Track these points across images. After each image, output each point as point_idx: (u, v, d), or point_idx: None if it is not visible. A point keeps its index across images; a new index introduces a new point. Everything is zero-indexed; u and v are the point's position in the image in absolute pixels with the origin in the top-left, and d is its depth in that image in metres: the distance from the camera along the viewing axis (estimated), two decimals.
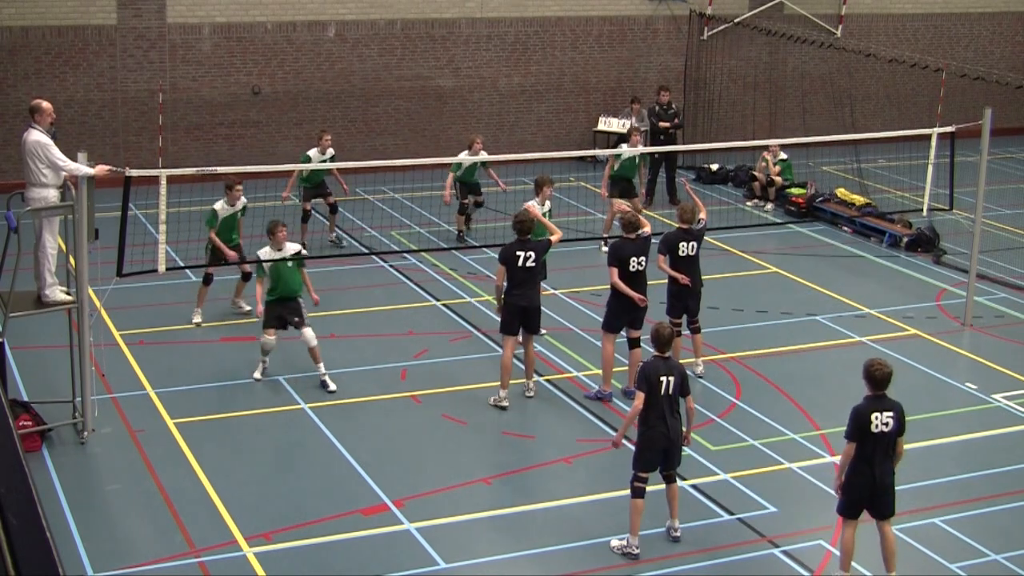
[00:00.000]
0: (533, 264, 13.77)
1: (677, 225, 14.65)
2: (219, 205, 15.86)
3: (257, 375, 14.44)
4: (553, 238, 14.36)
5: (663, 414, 10.82)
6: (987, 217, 19.40)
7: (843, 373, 15.30)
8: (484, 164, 19.47)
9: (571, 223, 19.40)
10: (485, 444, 13.20)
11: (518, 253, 13.71)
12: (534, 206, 15.03)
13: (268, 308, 14.33)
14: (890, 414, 10.26)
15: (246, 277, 16.13)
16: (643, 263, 13.96)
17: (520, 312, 13.78)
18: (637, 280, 13.93)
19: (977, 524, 11.71)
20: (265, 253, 14.50)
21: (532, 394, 14.13)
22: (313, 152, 18.68)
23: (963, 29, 29.33)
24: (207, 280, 16.21)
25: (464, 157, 18.92)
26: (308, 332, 14.31)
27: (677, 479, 11.23)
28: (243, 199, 16.14)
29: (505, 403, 13.82)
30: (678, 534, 11.15)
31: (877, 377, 10.37)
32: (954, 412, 14.22)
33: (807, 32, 26.30)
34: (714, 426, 13.59)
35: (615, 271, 13.88)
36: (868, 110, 28.12)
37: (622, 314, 14.00)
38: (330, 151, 18.74)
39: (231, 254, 15.79)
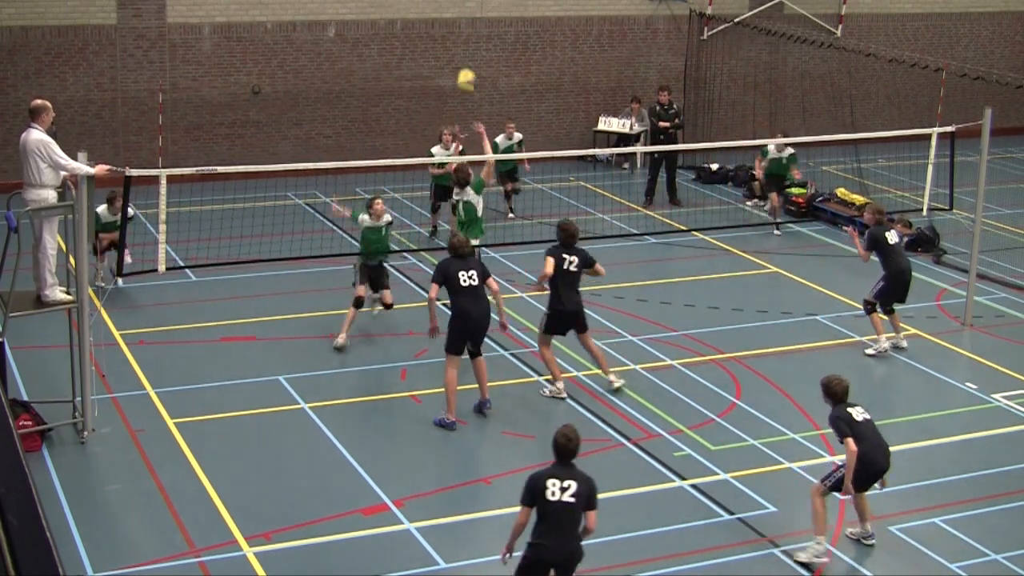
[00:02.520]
0: (576, 269, 13.95)
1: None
2: (363, 217, 15.68)
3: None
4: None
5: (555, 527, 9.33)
6: (987, 217, 19.40)
7: (843, 373, 15.25)
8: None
9: (523, 170, 19.52)
10: (485, 444, 13.20)
11: (563, 256, 13.91)
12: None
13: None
14: (859, 407, 11.17)
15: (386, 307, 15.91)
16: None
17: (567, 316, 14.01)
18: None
19: (977, 524, 11.70)
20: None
21: (619, 383, 14.27)
22: (500, 138, 20.33)
23: (963, 29, 29.33)
24: (358, 303, 15.54)
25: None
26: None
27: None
28: (387, 216, 15.86)
29: (563, 395, 14.12)
30: None
31: (839, 392, 11.17)
32: (954, 412, 14.22)
33: (807, 32, 26.30)
34: (714, 426, 13.59)
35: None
36: (868, 110, 28.11)
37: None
38: (517, 136, 21.01)
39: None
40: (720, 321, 16.77)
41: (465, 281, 13.30)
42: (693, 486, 12.22)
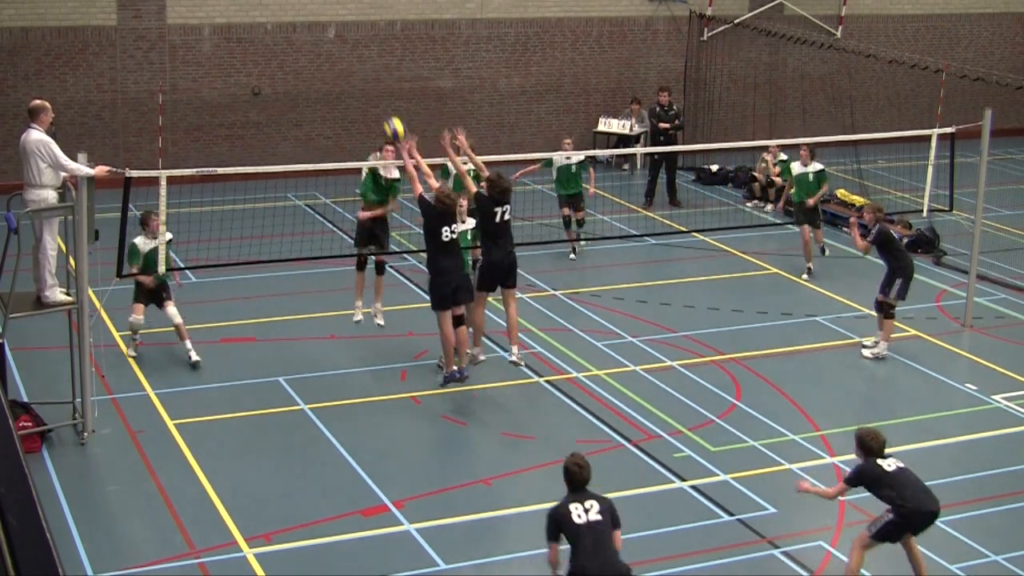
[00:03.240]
0: (510, 218, 13.87)
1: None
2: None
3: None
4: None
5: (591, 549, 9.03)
6: (987, 218, 19.40)
7: (843, 373, 15.31)
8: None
9: (588, 197, 19.41)
10: (485, 444, 13.20)
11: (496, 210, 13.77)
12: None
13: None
14: (892, 458, 10.40)
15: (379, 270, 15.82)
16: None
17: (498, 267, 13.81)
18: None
19: (977, 524, 11.70)
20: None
21: (518, 359, 14.05)
22: (556, 155, 18.84)
23: (963, 30, 29.34)
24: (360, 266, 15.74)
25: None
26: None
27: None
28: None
29: (481, 357, 14.06)
30: None
31: (874, 448, 10.42)
32: (954, 413, 14.22)
33: (807, 33, 26.30)
34: (714, 426, 13.59)
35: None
36: (868, 111, 28.11)
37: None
38: (577, 155, 18.93)
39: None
40: (720, 322, 16.77)
41: (446, 236, 13.49)
42: (693, 487, 12.22)
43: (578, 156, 18.95)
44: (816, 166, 18.77)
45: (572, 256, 19.30)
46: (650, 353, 15.57)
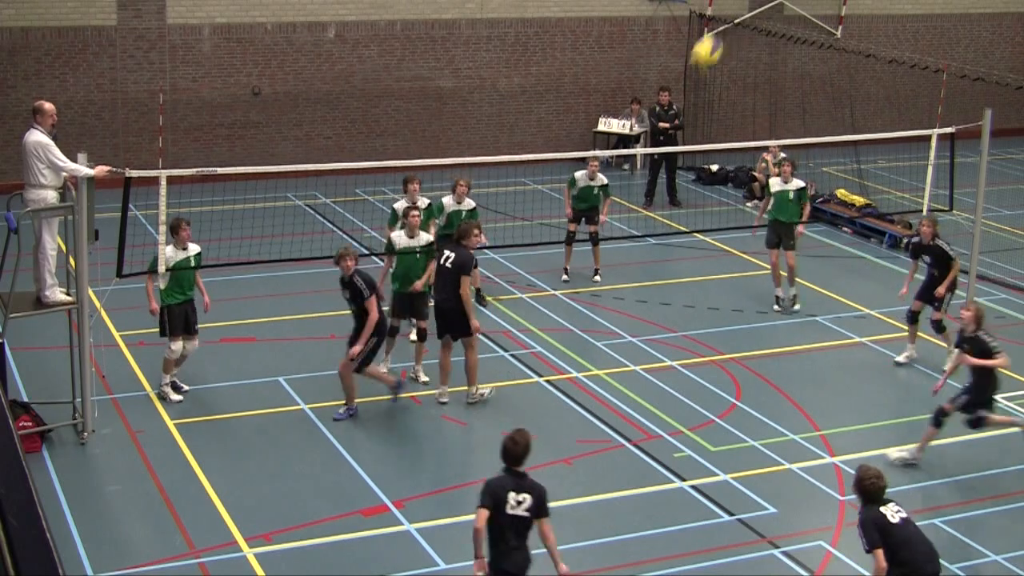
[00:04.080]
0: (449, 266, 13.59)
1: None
2: (447, 200, 16.03)
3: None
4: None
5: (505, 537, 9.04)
6: (987, 218, 19.38)
7: (843, 374, 15.32)
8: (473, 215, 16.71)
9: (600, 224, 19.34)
10: (485, 444, 13.18)
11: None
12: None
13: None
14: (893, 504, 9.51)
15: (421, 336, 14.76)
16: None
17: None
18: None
19: (977, 524, 11.71)
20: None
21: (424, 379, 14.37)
22: (580, 174, 18.14)
23: (963, 30, 29.33)
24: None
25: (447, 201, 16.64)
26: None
27: None
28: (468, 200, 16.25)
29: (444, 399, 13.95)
30: None
31: (873, 492, 9.45)
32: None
33: (807, 33, 26.30)
34: (714, 426, 13.59)
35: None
36: (868, 111, 28.11)
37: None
38: (601, 178, 18.07)
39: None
40: (720, 322, 16.77)
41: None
42: (693, 487, 12.22)
43: (602, 180, 18.32)
44: (797, 183, 17.53)
45: (565, 278, 18.29)
46: (650, 353, 15.57)
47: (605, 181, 18.29)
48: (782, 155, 21.48)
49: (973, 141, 17.16)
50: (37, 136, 12.48)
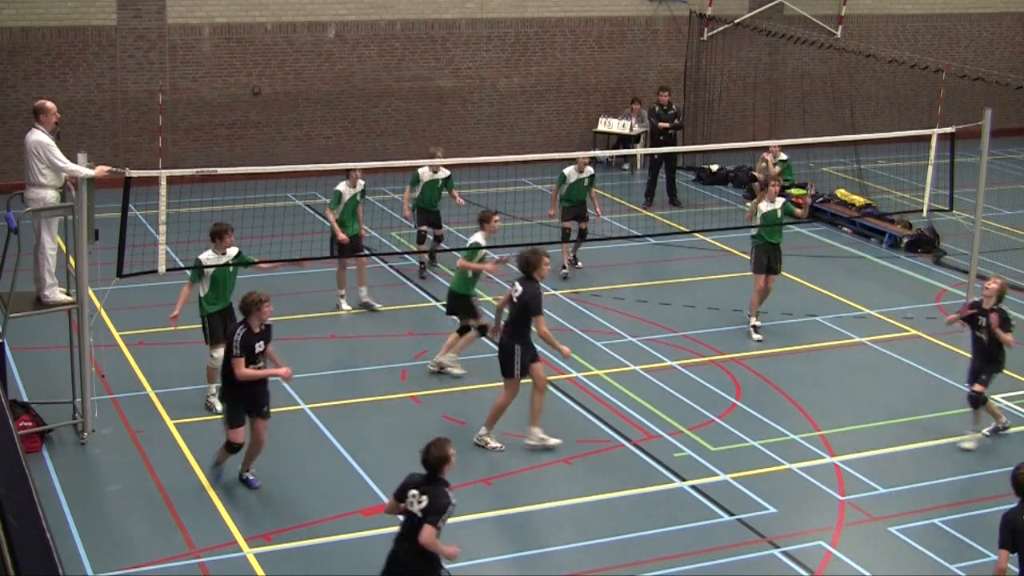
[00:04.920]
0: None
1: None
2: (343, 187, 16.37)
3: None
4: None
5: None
6: (987, 218, 19.39)
7: (843, 373, 15.31)
8: (448, 186, 17.98)
9: (594, 218, 19.31)
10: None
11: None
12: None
13: None
14: None
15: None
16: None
17: None
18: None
19: (977, 524, 11.70)
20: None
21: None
22: (569, 170, 18.31)
23: (963, 30, 29.34)
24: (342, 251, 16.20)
25: (426, 172, 17.59)
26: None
27: None
28: (361, 181, 16.66)
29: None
30: None
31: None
32: (954, 413, 14.20)
33: (807, 33, 26.30)
34: (714, 426, 13.59)
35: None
36: (868, 111, 28.11)
37: None
38: (588, 170, 18.30)
39: (341, 237, 16.18)
40: (720, 322, 16.77)
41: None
42: (693, 487, 12.22)
43: (589, 171, 18.48)
44: (782, 156, 18.06)
45: (566, 270, 18.43)
46: (650, 353, 15.57)
47: (592, 172, 18.59)
48: (782, 155, 21.52)
49: (973, 141, 17.17)
50: (38, 136, 12.49)
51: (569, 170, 18.50)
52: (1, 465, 6.10)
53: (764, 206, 16.37)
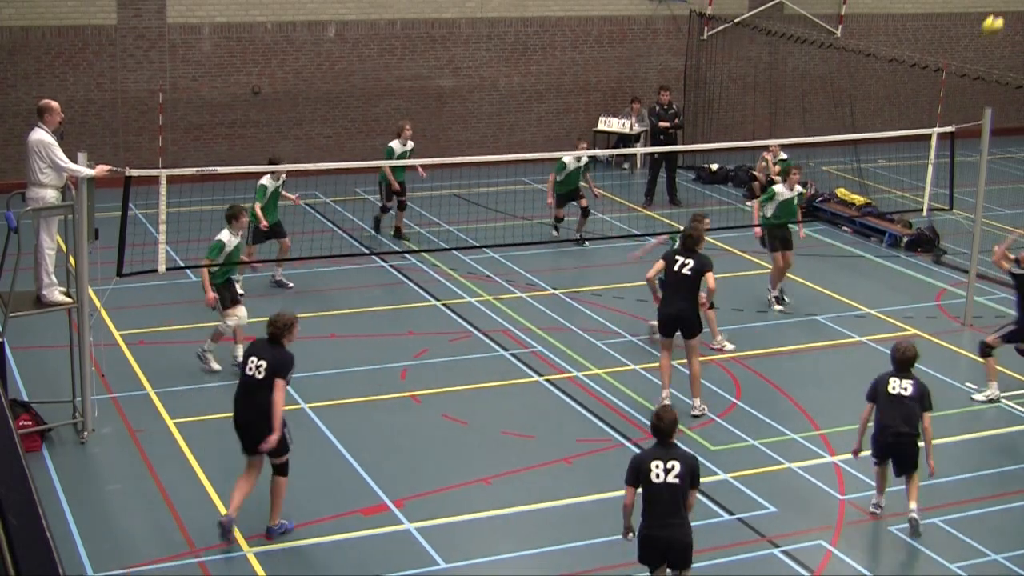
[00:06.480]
0: (689, 273, 13.55)
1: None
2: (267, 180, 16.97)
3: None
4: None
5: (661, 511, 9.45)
6: (987, 217, 19.38)
7: (843, 373, 15.31)
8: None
9: (570, 223, 19.39)
10: (485, 444, 13.20)
11: (677, 258, 13.69)
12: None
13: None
14: (908, 382, 11.37)
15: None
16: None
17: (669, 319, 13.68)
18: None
19: (977, 524, 11.70)
20: None
21: (698, 413, 13.77)
22: (568, 158, 19.26)
23: (963, 29, 29.33)
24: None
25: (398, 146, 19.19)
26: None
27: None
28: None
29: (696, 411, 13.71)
30: None
31: (896, 360, 11.46)
32: (954, 412, 14.21)
33: (807, 32, 26.30)
34: (714, 426, 13.59)
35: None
36: (868, 110, 28.12)
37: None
38: (585, 157, 19.26)
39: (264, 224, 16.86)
40: (720, 321, 16.74)
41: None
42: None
43: (585, 158, 19.33)
44: (782, 155, 19.65)
45: (584, 244, 19.59)
46: (650, 352, 15.56)
47: (587, 159, 19.37)
48: (782, 155, 21.53)
49: (973, 140, 17.18)
50: (40, 135, 12.50)
51: (568, 158, 19.07)
52: (1, 465, 6.09)
53: (783, 192, 17.28)
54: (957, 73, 26.49)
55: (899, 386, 11.30)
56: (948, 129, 16.95)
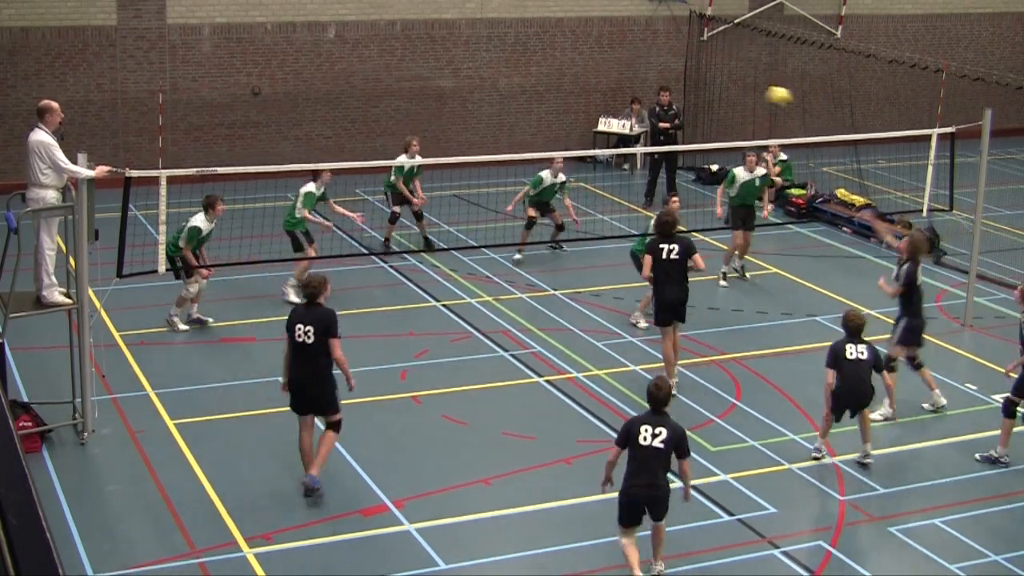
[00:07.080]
0: (677, 257, 14.09)
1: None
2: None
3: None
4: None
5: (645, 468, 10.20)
6: (987, 218, 19.39)
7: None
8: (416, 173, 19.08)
9: (571, 223, 19.39)
10: (485, 444, 13.20)
11: (661, 246, 14.12)
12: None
13: None
14: (863, 346, 12.50)
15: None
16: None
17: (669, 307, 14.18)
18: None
19: (977, 524, 11.71)
20: None
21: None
22: (545, 174, 18.96)
23: (963, 30, 29.34)
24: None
25: (404, 160, 18.58)
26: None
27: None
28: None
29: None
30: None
31: (849, 327, 12.55)
32: (954, 413, 14.22)
33: (807, 33, 26.30)
34: (714, 426, 13.59)
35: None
36: (868, 111, 28.12)
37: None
38: (561, 176, 18.99)
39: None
40: (720, 322, 16.77)
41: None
42: (693, 487, 12.19)
43: (562, 177, 19.06)
44: (782, 156, 20.51)
45: (517, 256, 18.96)
46: (650, 353, 15.57)
47: (564, 179, 19.11)
48: (782, 155, 21.56)
49: (973, 141, 17.18)
50: (41, 136, 12.49)
51: (545, 173, 19.03)
52: (1, 465, 6.09)
53: (743, 175, 18.21)
54: (957, 74, 26.50)
55: (856, 351, 12.37)
56: (948, 130, 16.95)
